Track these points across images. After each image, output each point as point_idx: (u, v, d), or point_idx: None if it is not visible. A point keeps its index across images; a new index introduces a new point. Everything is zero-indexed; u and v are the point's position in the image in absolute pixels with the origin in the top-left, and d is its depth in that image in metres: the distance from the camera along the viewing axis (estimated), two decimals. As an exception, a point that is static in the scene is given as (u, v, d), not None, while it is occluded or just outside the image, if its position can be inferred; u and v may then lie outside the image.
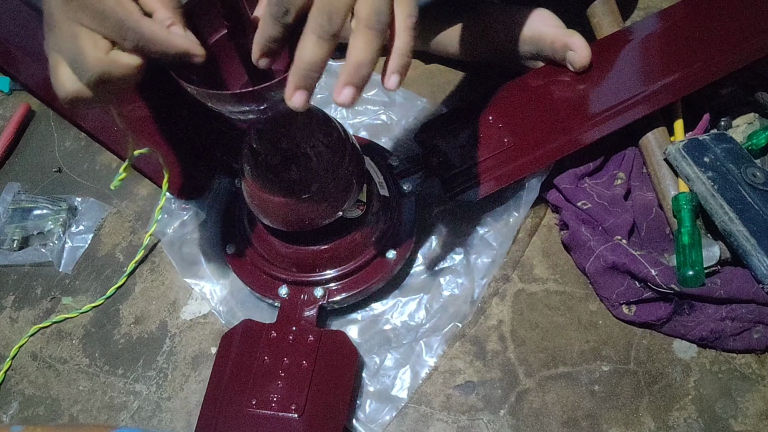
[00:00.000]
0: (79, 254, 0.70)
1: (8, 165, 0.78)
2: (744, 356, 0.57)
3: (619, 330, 0.60)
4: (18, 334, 0.66)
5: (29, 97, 0.83)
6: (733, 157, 0.60)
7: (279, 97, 0.41)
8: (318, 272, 0.59)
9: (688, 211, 0.58)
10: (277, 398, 0.54)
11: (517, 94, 0.67)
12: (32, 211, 0.72)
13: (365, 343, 0.61)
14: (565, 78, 0.66)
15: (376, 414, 0.57)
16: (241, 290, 0.64)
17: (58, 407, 0.62)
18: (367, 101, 0.75)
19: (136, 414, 0.60)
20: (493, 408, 0.57)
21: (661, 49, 0.67)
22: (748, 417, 0.55)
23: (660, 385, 0.57)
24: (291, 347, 0.57)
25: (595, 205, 0.62)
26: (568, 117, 0.64)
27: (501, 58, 0.72)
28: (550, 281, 0.63)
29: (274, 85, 0.39)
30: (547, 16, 0.67)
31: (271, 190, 0.52)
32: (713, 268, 0.57)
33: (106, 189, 0.74)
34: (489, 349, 0.60)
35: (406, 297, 0.63)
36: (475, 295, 0.62)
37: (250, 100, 0.40)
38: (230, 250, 0.63)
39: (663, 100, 0.62)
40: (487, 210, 0.66)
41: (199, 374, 0.62)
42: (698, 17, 0.68)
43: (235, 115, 0.43)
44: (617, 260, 0.58)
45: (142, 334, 0.65)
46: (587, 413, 0.56)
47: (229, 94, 0.40)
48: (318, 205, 0.53)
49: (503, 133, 0.64)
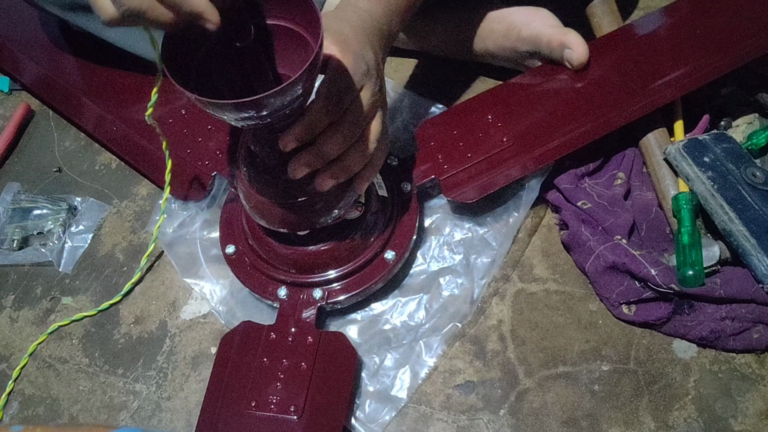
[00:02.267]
0: (79, 254, 0.70)
1: (8, 165, 0.78)
2: (744, 356, 0.57)
3: (619, 330, 0.60)
4: (18, 334, 0.66)
5: (29, 97, 0.83)
6: (733, 157, 0.59)
7: (279, 105, 0.41)
8: (317, 273, 0.59)
9: (688, 211, 0.58)
10: (276, 400, 0.54)
11: (515, 93, 0.67)
12: (32, 211, 0.72)
13: (365, 343, 0.61)
14: (563, 77, 0.66)
15: (376, 414, 0.57)
16: (240, 290, 0.64)
17: (58, 407, 0.62)
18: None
19: (136, 414, 0.61)
20: (493, 408, 0.57)
21: (660, 47, 0.67)
22: (748, 417, 0.55)
23: (660, 385, 0.57)
24: (290, 349, 0.57)
25: (595, 205, 0.62)
26: (567, 116, 0.64)
27: (499, 58, 0.72)
28: (550, 281, 0.63)
29: (275, 93, 0.39)
30: (545, 15, 0.67)
31: (269, 191, 0.52)
32: (713, 268, 0.57)
33: (106, 189, 0.74)
34: (489, 348, 0.60)
35: (406, 297, 0.63)
36: (474, 295, 0.62)
37: (250, 108, 0.40)
38: (229, 250, 0.63)
39: (663, 98, 0.62)
40: (487, 210, 0.65)
41: (199, 374, 0.62)
42: (698, 15, 0.68)
43: (234, 121, 0.43)
44: (617, 260, 0.57)
45: (142, 334, 0.65)
46: (587, 413, 0.56)
47: (229, 103, 0.39)
48: (315, 207, 0.53)
49: (502, 133, 0.64)
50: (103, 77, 0.76)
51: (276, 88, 0.39)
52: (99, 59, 0.76)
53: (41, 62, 0.78)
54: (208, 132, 0.69)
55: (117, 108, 0.73)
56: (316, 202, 0.52)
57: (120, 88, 0.75)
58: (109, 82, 0.75)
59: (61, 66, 0.78)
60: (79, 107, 0.75)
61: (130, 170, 0.75)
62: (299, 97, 0.42)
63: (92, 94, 0.75)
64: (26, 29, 0.81)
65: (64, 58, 0.78)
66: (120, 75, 0.75)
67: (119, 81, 0.75)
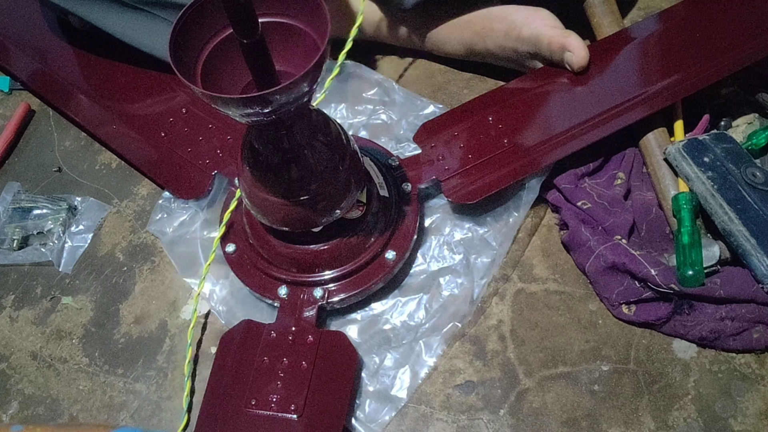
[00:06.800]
0: (79, 254, 0.70)
1: (8, 165, 0.78)
2: (744, 356, 0.57)
3: (618, 330, 0.60)
4: (18, 334, 0.66)
5: (29, 97, 0.83)
6: (733, 157, 0.60)
7: (285, 101, 0.41)
8: (317, 272, 0.59)
9: (688, 211, 0.58)
10: (277, 399, 0.54)
11: (516, 94, 0.67)
12: (32, 211, 0.72)
13: (365, 343, 0.61)
14: (564, 79, 0.66)
15: (376, 414, 0.57)
16: (240, 290, 0.64)
17: (57, 407, 0.62)
18: (367, 101, 0.75)
19: (135, 413, 0.60)
20: (493, 408, 0.57)
21: (660, 50, 0.67)
22: (748, 417, 0.55)
23: (660, 385, 0.57)
24: (290, 348, 0.57)
25: (595, 205, 0.62)
26: (568, 118, 0.64)
27: (500, 57, 0.72)
28: (550, 281, 0.63)
29: (281, 89, 0.39)
30: (546, 16, 0.67)
31: (271, 189, 0.52)
32: (713, 267, 0.57)
33: (106, 189, 0.74)
34: (489, 348, 0.60)
35: (406, 297, 0.63)
36: (474, 295, 0.62)
37: (256, 104, 0.40)
38: (230, 249, 0.63)
39: (662, 101, 0.62)
40: (487, 210, 0.66)
41: (199, 374, 0.62)
42: (698, 19, 0.68)
43: (240, 117, 0.43)
44: (617, 260, 0.58)
45: (142, 334, 0.65)
46: (587, 413, 0.56)
47: (236, 98, 0.40)
48: (317, 205, 0.53)
49: (503, 134, 0.64)
50: (103, 73, 0.76)
51: (283, 84, 0.39)
52: (99, 56, 0.76)
53: (40, 59, 0.78)
54: (208, 131, 0.70)
55: (117, 104, 0.73)
56: (319, 201, 0.52)
57: (120, 84, 0.75)
58: (109, 78, 0.75)
59: (60, 62, 0.77)
60: (78, 104, 0.75)
61: (131, 170, 0.75)
62: (305, 93, 0.43)
63: (91, 91, 0.75)
64: (25, 26, 0.81)
65: (63, 54, 0.78)
66: (120, 71, 0.75)
67: (119, 77, 0.75)
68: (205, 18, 0.44)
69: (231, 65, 0.46)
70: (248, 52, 0.42)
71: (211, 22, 0.44)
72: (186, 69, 0.42)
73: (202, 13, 0.44)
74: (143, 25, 0.68)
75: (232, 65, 0.46)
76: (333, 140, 0.53)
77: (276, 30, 0.46)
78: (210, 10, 0.44)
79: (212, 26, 0.45)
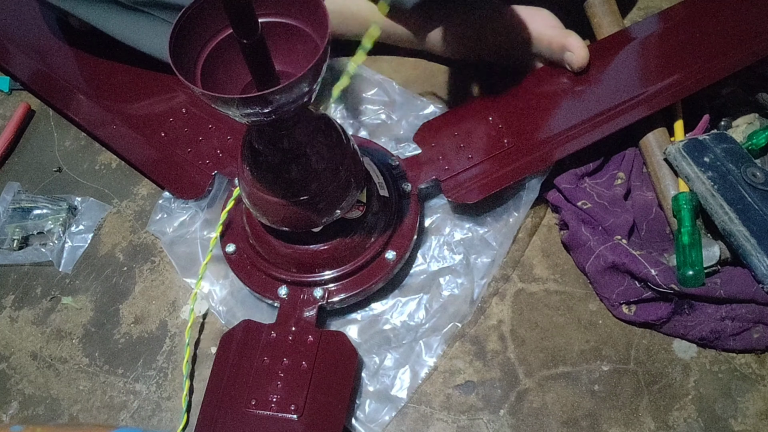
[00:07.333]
0: (79, 254, 0.70)
1: (8, 165, 0.78)
2: (744, 356, 0.57)
3: (619, 330, 0.60)
4: (18, 334, 0.66)
5: (29, 97, 0.83)
6: (733, 157, 0.60)
7: (285, 101, 0.41)
8: (317, 272, 0.59)
9: (688, 211, 0.58)
10: (277, 399, 0.54)
11: (517, 94, 0.67)
12: (32, 211, 0.72)
13: (365, 343, 0.61)
14: (565, 79, 0.66)
15: (376, 414, 0.57)
16: (240, 290, 0.64)
17: (58, 407, 0.62)
18: (367, 101, 0.75)
19: (136, 413, 0.60)
20: (493, 408, 0.57)
21: (660, 50, 0.67)
22: (748, 417, 0.55)
23: (660, 385, 0.57)
24: (290, 348, 0.57)
25: (595, 205, 0.62)
26: (568, 118, 0.64)
27: (500, 57, 0.72)
28: (550, 281, 0.63)
29: (281, 89, 0.39)
30: (546, 16, 0.67)
31: (271, 189, 0.52)
32: (713, 268, 0.57)
33: (106, 189, 0.74)
34: (489, 348, 0.60)
35: (406, 297, 0.63)
36: (474, 295, 0.62)
37: (256, 104, 0.40)
38: (230, 249, 0.63)
39: (662, 102, 0.62)
40: (487, 210, 0.66)
41: (199, 374, 0.62)
42: (698, 19, 0.68)
43: (240, 117, 0.43)
44: (617, 260, 0.57)
45: (142, 334, 0.65)
46: (587, 413, 0.56)
47: (236, 98, 0.40)
48: (317, 205, 0.53)
49: (503, 134, 0.64)
50: (103, 74, 0.76)
51: (283, 85, 0.39)
52: (99, 56, 0.76)
53: (40, 59, 0.78)
54: (208, 131, 0.70)
55: (117, 104, 0.73)
56: (319, 201, 0.52)
57: (120, 84, 0.75)
58: (109, 78, 0.75)
59: (60, 63, 0.77)
60: (78, 104, 0.75)
61: (130, 170, 0.75)
62: (305, 93, 0.43)
63: (91, 91, 0.75)
64: (25, 26, 0.81)
65: (63, 54, 0.78)
66: (120, 71, 0.75)
67: (119, 77, 0.75)
68: (205, 18, 0.44)
69: (231, 65, 0.46)
70: (248, 52, 0.42)
71: (211, 23, 0.44)
72: (186, 69, 0.42)
73: (202, 14, 0.44)
74: (143, 26, 0.68)
75: (232, 65, 0.46)
76: (333, 140, 0.53)
77: (276, 30, 0.46)
78: (210, 11, 0.44)
79: (212, 26, 0.45)
